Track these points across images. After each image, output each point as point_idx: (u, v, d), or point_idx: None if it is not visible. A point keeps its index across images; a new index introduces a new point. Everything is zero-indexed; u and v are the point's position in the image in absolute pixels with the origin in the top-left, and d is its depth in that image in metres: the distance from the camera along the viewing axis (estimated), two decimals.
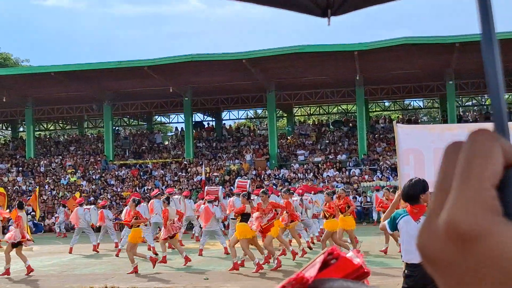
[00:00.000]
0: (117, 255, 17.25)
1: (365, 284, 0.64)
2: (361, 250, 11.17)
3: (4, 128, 47.26)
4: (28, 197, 30.08)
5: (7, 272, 14.13)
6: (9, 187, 32.92)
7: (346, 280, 0.62)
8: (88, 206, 21.07)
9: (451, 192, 0.44)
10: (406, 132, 8.69)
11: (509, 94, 35.75)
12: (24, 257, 14.23)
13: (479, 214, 0.42)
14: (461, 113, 39.70)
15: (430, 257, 0.45)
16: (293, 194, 18.04)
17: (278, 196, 19.33)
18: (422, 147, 8.20)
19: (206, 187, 22.37)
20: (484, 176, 0.43)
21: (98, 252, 18.79)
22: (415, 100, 44.52)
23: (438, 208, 0.44)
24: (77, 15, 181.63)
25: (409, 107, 46.04)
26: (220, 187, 24.28)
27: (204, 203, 16.97)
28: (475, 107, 43.06)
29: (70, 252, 18.72)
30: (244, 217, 13.61)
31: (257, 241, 13.94)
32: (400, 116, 42.50)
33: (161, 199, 17.64)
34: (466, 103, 43.19)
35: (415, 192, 5.54)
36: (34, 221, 29.17)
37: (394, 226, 5.94)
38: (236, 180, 25.31)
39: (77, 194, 29.24)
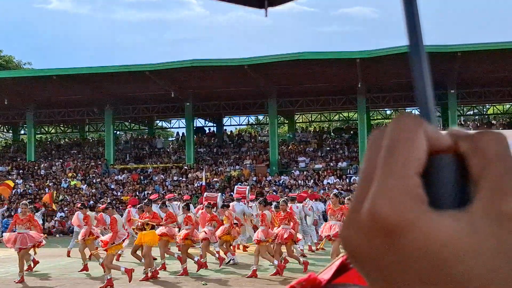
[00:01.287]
0: (117, 259, 17.17)
1: None
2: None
3: (5, 130, 47.30)
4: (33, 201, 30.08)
5: None
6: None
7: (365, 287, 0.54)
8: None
9: (373, 181, 0.40)
10: None
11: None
12: None
13: (402, 203, 0.38)
14: (462, 122, 39.68)
15: (354, 251, 0.40)
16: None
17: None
18: None
19: (205, 193, 22.32)
20: (407, 163, 0.40)
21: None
22: (416, 109, 44.25)
23: (362, 199, 0.40)
24: (80, 19, 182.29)
25: None
26: (220, 193, 24.22)
27: (202, 208, 16.97)
28: (476, 116, 43.03)
29: (68, 256, 18.65)
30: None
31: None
32: None
33: (159, 203, 17.58)
34: (468, 112, 43.17)
35: None
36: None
37: None
38: (235, 186, 25.29)
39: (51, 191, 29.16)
